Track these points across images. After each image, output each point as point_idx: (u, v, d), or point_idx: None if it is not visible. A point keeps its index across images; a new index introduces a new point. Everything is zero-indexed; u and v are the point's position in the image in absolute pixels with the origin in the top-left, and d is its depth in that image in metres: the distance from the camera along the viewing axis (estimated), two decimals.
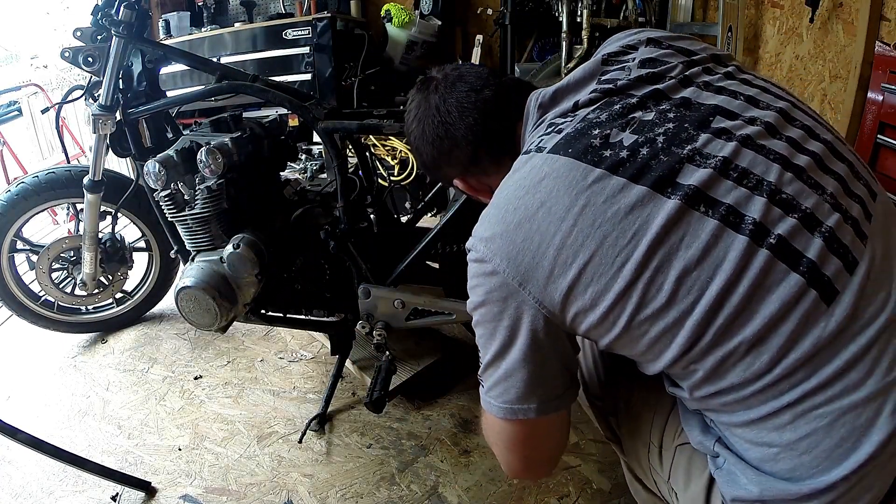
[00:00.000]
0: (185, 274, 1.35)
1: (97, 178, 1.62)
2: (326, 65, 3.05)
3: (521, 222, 0.66)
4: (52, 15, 4.48)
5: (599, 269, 0.61)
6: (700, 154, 0.62)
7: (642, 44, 0.78)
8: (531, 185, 0.66)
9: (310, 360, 1.78)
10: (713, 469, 0.68)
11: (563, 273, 0.63)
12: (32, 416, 1.60)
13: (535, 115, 0.79)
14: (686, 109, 0.67)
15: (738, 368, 0.59)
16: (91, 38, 1.47)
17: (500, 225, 0.68)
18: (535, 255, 0.64)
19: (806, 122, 0.68)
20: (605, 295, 0.61)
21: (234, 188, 1.34)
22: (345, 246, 1.40)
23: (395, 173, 2.86)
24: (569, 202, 0.63)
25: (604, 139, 0.66)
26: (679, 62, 0.73)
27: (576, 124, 0.69)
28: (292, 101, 1.36)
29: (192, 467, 1.38)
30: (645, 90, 0.70)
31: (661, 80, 0.71)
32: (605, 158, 0.64)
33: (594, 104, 0.72)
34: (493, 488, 1.27)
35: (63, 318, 1.91)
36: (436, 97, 0.87)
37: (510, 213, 0.67)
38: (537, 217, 0.65)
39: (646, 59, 0.75)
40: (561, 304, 0.64)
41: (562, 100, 0.78)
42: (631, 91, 0.71)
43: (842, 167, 0.65)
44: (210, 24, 3.59)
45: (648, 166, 0.62)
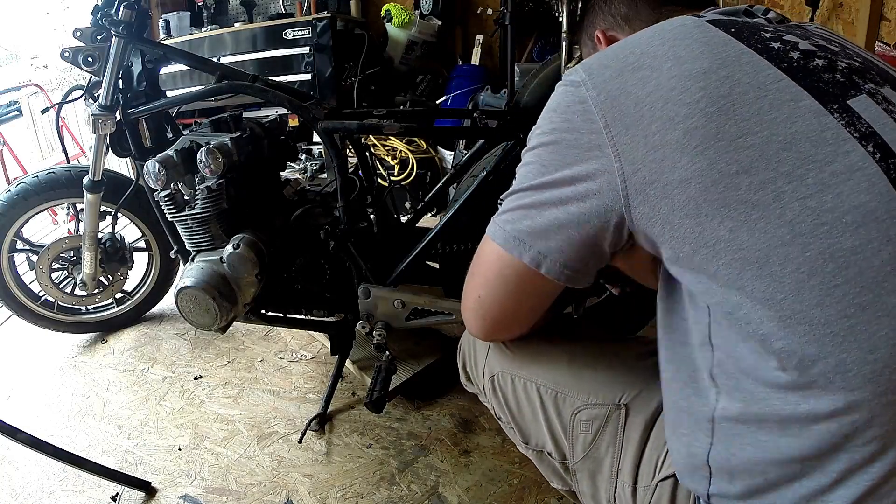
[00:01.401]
0: (185, 274, 1.35)
1: (97, 178, 1.62)
2: (326, 65, 3.05)
3: (641, 66, 0.57)
4: (52, 15, 4.48)
5: (707, 138, 0.52)
6: (883, 98, 0.54)
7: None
8: (670, 37, 0.58)
9: (310, 360, 1.78)
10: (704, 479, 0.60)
11: (663, 130, 0.54)
12: (32, 416, 1.60)
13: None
14: (869, 63, 0.59)
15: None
16: (91, 38, 1.47)
17: (613, 60, 0.60)
18: (640, 103, 0.56)
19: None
20: (702, 169, 0.52)
21: (234, 188, 1.34)
22: (345, 246, 1.40)
23: (395, 173, 2.86)
24: (707, 66, 0.54)
25: (775, 34, 0.59)
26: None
27: (739, 20, 0.62)
28: (292, 101, 1.36)
29: (192, 467, 1.38)
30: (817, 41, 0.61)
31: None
32: (770, 49, 0.56)
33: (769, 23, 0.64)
34: (493, 488, 1.27)
35: (63, 318, 1.91)
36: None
37: (631, 54, 0.59)
38: (663, 68, 0.56)
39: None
40: (644, 165, 0.55)
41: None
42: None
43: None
44: (210, 24, 3.59)
45: (820, 77, 0.54)
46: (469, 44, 3.60)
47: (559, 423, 0.79)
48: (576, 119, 0.60)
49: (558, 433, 0.80)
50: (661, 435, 0.70)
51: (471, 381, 0.95)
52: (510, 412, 0.86)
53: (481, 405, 1.47)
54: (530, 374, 0.83)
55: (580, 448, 0.77)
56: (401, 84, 3.46)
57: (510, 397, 0.85)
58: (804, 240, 0.49)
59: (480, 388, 0.92)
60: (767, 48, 0.56)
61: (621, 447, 0.73)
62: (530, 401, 0.83)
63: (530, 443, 0.85)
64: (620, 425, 0.73)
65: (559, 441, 0.80)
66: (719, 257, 0.52)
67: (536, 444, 0.84)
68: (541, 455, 0.84)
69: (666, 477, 0.67)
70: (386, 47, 3.41)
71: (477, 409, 1.51)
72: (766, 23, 0.64)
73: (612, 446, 0.74)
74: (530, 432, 0.84)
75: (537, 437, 0.83)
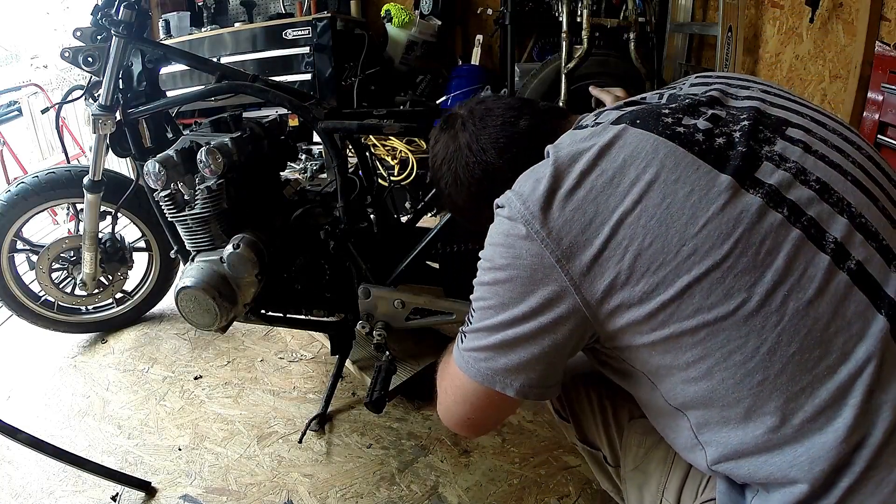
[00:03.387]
0: (185, 274, 1.35)
1: (97, 178, 1.62)
2: (326, 65, 3.05)
3: (574, 189, 0.58)
4: (52, 15, 4.48)
5: (660, 257, 0.55)
6: (779, 156, 0.58)
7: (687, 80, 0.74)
8: (595, 152, 0.59)
9: (310, 360, 1.78)
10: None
11: (616, 256, 0.56)
12: (32, 416, 1.60)
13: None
14: (758, 114, 0.62)
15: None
16: (91, 38, 1.47)
17: (549, 184, 0.60)
18: (586, 230, 0.57)
19: (863, 146, 0.65)
20: (662, 288, 0.55)
21: (234, 188, 1.34)
22: (345, 246, 1.40)
23: (395, 173, 2.86)
24: (635, 175, 0.56)
25: (676, 118, 0.60)
26: (736, 82, 0.69)
27: (638, 108, 0.64)
28: (292, 101, 1.36)
29: (192, 467, 1.38)
30: (710, 93, 0.65)
31: (725, 93, 0.66)
32: (679, 134, 0.58)
33: (657, 98, 0.68)
34: (493, 488, 1.27)
35: (63, 318, 1.91)
36: (465, 135, 0.78)
37: (564, 175, 0.59)
38: (595, 185, 0.58)
39: (698, 81, 0.71)
40: (603, 292, 0.57)
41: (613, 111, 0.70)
42: (694, 94, 0.66)
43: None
44: (210, 24, 3.59)
45: (726, 155, 0.57)
46: (469, 44, 3.59)
47: (616, 428, 0.82)
48: (524, 256, 0.60)
49: (614, 438, 0.82)
50: None
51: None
52: (570, 407, 0.89)
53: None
54: (591, 381, 0.85)
55: (631, 459, 0.79)
56: (401, 84, 3.45)
57: (572, 393, 0.88)
58: (758, 325, 0.53)
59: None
60: (676, 135, 0.59)
61: (670, 468, 0.74)
62: (590, 401, 0.85)
63: (587, 441, 0.87)
64: (671, 448, 0.73)
65: (615, 447, 0.82)
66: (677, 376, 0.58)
67: (593, 444, 0.86)
68: (595, 455, 0.87)
69: (706, 501, 0.69)
70: (386, 47, 3.41)
71: None
72: (664, 102, 0.66)
73: (661, 465, 0.75)
74: (588, 432, 0.87)
75: (594, 438, 0.86)
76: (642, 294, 0.56)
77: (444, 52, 3.61)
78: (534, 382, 0.65)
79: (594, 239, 0.57)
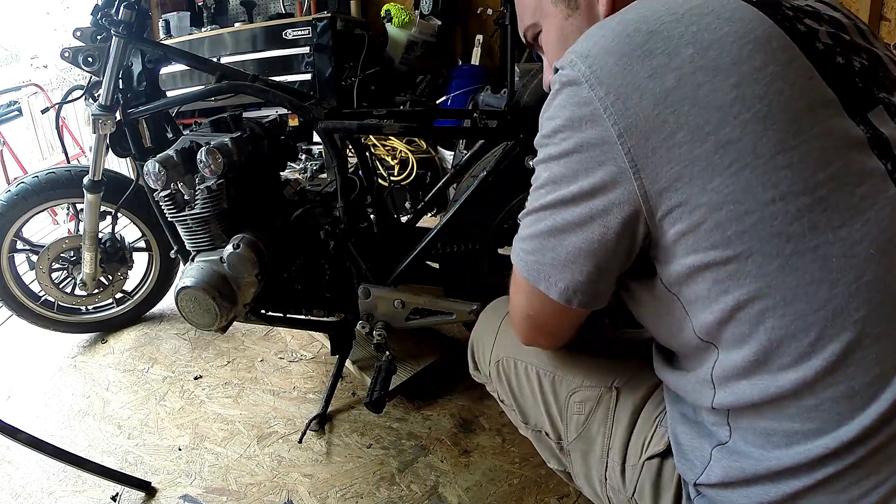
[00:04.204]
0: (185, 274, 1.35)
1: (97, 178, 1.62)
2: (326, 65, 3.05)
3: (653, 52, 0.49)
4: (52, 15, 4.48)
5: (746, 158, 0.47)
6: (895, 107, 0.51)
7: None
8: (683, 11, 0.50)
9: (310, 360, 1.78)
10: (715, 445, 0.59)
11: (693, 142, 0.47)
12: (32, 416, 1.60)
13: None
14: (875, 59, 0.56)
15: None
16: (91, 38, 1.47)
17: (619, 43, 0.50)
18: (659, 104, 0.48)
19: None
20: (741, 196, 0.47)
21: (234, 188, 1.34)
22: (345, 246, 1.40)
23: (395, 173, 2.86)
24: (737, 54, 0.47)
25: (797, 16, 0.52)
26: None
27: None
28: (292, 101, 1.36)
29: (192, 467, 1.38)
30: (833, 16, 0.57)
31: (844, 26, 0.58)
32: (798, 31, 0.50)
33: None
34: (494, 488, 1.27)
35: (63, 318, 1.91)
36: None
37: (637, 33, 0.50)
38: (683, 55, 0.48)
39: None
40: (668, 183, 0.49)
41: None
42: (815, 8, 0.57)
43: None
44: (210, 24, 3.59)
45: (843, 78, 0.50)
46: (469, 44, 3.59)
47: (555, 404, 0.82)
48: (584, 127, 0.52)
49: (554, 414, 0.82)
50: (649, 417, 0.72)
51: (478, 369, 0.98)
52: (512, 394, 0.89)
53: (481, 405, 1.48)
54: (532, 358, 0.85)
55: (573, 428, 0.79)
56: (401, 84, 3.45)
57: (513, 380, 0.88)
58: (833, 276, 0.47)
59: (487, 374, 0.94)
60: (795, 31, 0.50)
61: (612, 428, 0.74)
62: (530, 383, 0.85)
63: (529, 423, 0.88)
64: (611, 407, 0.75)
65: (555, 422, 0.82)
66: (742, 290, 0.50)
67: (535, 425, 0.86)
68: (539, 435, 0.87)
69: (652, 456, 0.69)
70: (386, 47, 3.41)
71: (477, 409, 1.51)
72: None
73: (603, 426, 0.75)
74: (530, 413, 0.87)
75: (536, 418, 0.86)
76: (715, 199, 0.47)
77: (444, 52, 3.61)
78: (580, 285, 0.59)
79: (669, 116, 0.48)
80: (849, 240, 0.47)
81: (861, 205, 0.48)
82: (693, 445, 0.62)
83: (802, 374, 0.49)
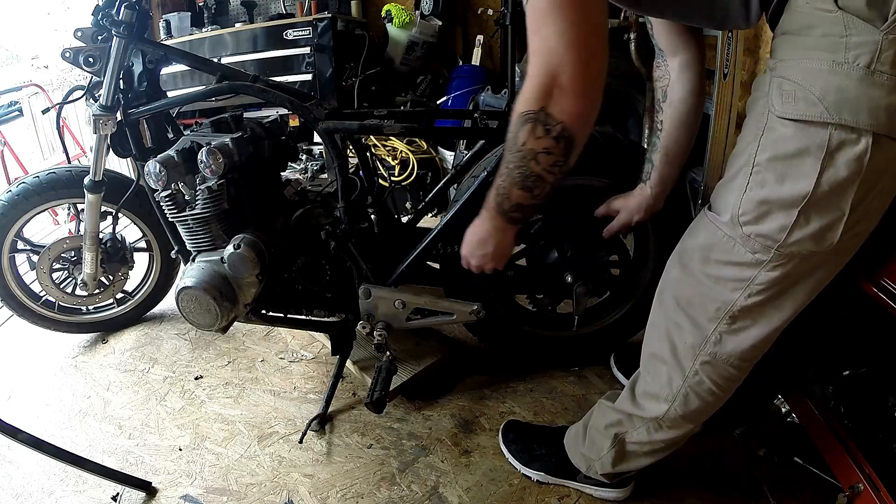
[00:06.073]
0: (186, 274, 1.35)
1: (98, 179, 1.62)
2: (327, 65, 3.05)
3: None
4: (52, 15, 4.48)
5: None
6: None
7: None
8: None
9: (310, 361, 1.78)
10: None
11: None
12: (33, 416, 1.60)
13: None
14: None
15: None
16: (92, 38, 1.47)
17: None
18: None
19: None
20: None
21: (235, 188, 1.34)
22: (345, 246, 1.40)
23: (395, 174, 2.86)
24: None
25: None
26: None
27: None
28: (293, 101, 1.36)
29: (192, 467, 1.38)
30: None
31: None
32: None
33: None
34: (494, 488, 1.27)
35: (64, 318, 1.91)
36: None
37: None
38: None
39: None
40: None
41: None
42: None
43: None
44: (211, 24, 3.59)
45: None
46: (470, 44, 3.59)
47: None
48: None
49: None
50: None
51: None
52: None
53: (482, 405, 1.48)
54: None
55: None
56: (401, 84, 3.46)
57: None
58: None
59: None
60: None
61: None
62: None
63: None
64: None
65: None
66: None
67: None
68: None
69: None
70: (386, 48, 3.41)
71: (477, 410, 1.51)
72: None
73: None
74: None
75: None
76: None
77: (444, 52, 3.61)
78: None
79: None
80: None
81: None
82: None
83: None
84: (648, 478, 1.23)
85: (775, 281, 0.81)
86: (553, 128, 0.77)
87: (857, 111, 0.67)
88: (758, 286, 0.82)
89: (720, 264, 0.85)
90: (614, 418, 1.10)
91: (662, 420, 1.01)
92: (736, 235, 0.81)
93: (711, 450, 1.34)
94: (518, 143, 0.81)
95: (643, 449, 1.08)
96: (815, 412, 1.21)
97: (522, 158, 0.82)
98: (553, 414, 1.50)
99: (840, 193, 0.72)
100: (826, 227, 0.75)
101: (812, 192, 0.72)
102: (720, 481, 1.26)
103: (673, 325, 0.95)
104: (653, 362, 1.01)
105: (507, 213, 0.92)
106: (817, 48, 0.69)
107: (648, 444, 1.07)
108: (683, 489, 1.24)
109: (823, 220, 0.74)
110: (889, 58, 0.65)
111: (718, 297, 0.86)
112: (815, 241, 0.76)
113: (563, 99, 0.75)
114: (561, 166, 0.82)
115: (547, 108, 0.77)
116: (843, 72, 0.67)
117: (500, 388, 1.59)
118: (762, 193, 0.77)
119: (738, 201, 0.80)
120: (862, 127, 0.67)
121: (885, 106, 0.66)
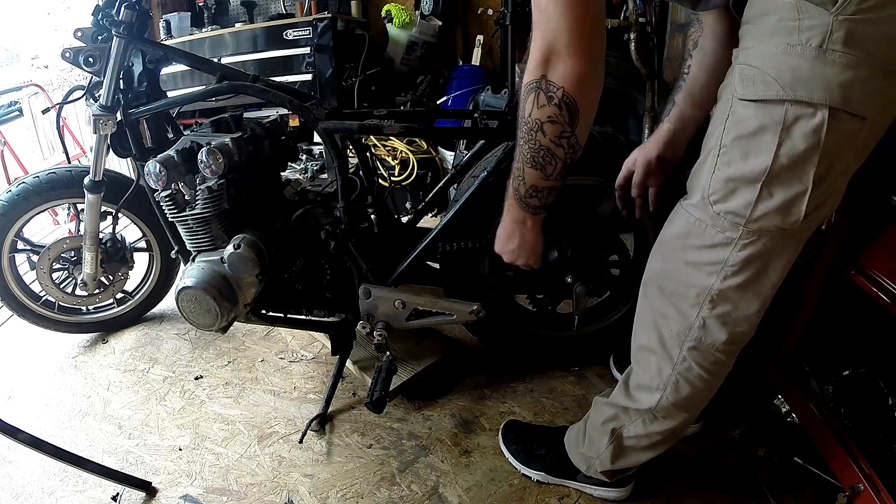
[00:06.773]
0: (186, 274, 1.35)
1: (98, 179, 1.62)
2: (327, 65, 3.05)
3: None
4: (52, 15, 4.48)
5: None
6: None
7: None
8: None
9: (310, 361, 1.78)
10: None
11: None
12: (33, 416, 1.60)
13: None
14: None
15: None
16: (92, 38, 1.47)
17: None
18: None
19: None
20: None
21: (235, 188, 1.34)
22: (345, 246, 1.40)
23: (395, 173, 2.86)
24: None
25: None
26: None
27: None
28: (293, 101, 1.36)
29: (192, 467, 1.38)
30: None
31: None
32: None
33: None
34: (494, 488, 1.27)
35: (64, 318, 1.91)
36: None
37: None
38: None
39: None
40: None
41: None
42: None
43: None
44: (211, 24, 3.60)
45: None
46: (469, 44, 3.59)
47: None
48: None
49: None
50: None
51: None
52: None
53: (482, 405, 1.48)
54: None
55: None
56: (401, 84, 3.46)
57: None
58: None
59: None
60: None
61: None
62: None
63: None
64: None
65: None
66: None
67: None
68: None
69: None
70: (386, 48, 3.41)
71: (477, 409, 1.51)
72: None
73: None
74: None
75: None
76: None
77: (444, 52, 3.61)
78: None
79: None
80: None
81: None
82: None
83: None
84: (648, 478, 1.23)
85: (747, 260, 0.83)
86: (554, 94, 0.80)
87: (812, 88, 0.70)
88: (731, 268, 0.84)
89: (695, 249, 0.87)
90: (610, 413, 1.11)
91: (656, 410, 1.02)
92: (707, 217, 0.83)
93: (711, 450, 1.34)
94: (525, 114, 0.84)
95: (641, 443, 1.08)
96: (815, 412, 1.21)
97: (530, 131, 0.85)
98: (553, 414, 1.50)
99: (800, 167, 0.74)
100: (790, 202, 0.77)
101: (771, 165, 0.75)
102: (720, 481, 1.26)
103: (658, 314, 0.96)
104: (642, 354, 1.02)
105: (524, 199, 0.95)
106: (774, 34, 0.72)
107: (646, 437, 1.07)
108: (683, 489, 1.24)
109: (786, 193, 0.76)
110: (840, 37, 0.68)
111: (697, 283, 0.88)
112: (781, 215, 0.78)
113: (559, 63, 0.79)
114: (568, 138, 0.84)
115: (547, 75, 0.80)
116: (797, 52, 0.70)
117: (500, 388, 1.59)
118: (728, 171, 0.80)
119: (707, 182, 0.82)
120: (817, 101, 0.70)
121: (839, 82, 0.69)
